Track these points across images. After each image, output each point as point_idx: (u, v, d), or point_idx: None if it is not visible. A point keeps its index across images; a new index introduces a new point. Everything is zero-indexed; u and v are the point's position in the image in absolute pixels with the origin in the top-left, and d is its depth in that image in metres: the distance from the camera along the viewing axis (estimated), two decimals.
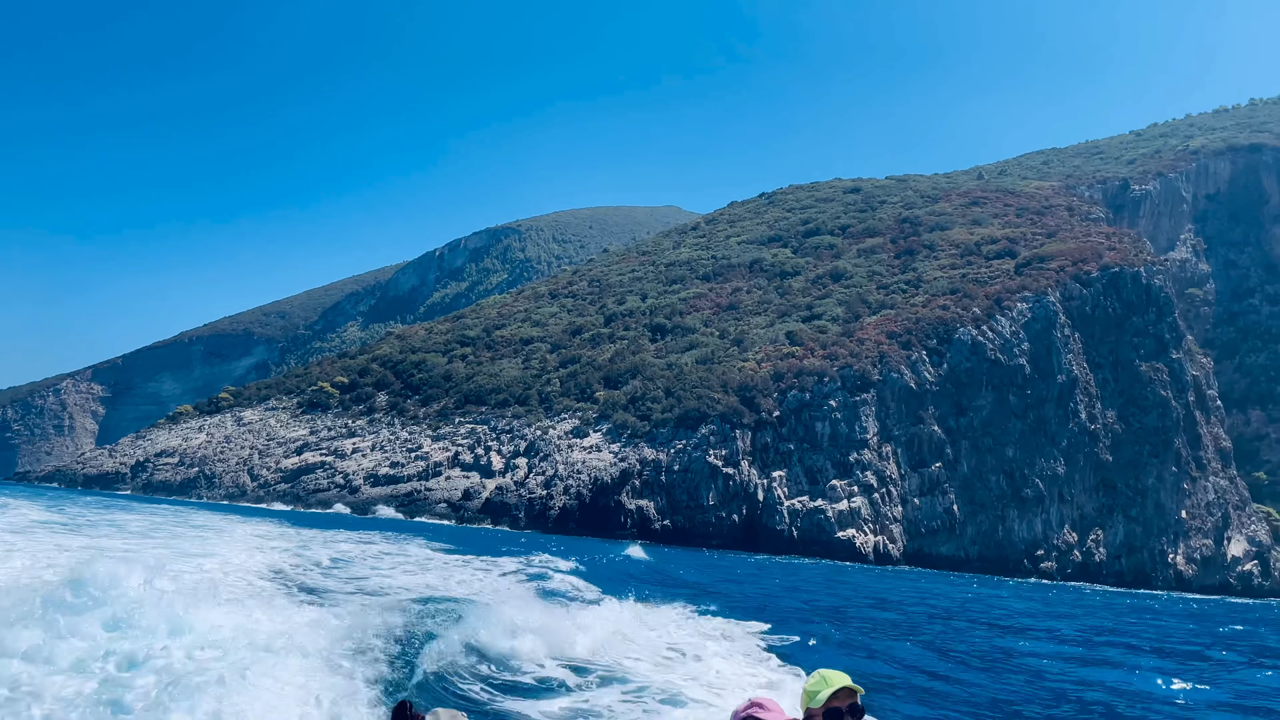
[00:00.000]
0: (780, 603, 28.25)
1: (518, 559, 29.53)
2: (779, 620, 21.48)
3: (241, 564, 20.99)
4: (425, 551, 30.49)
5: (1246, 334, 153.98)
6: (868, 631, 23.75)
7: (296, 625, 12.30)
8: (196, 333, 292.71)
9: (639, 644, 15.42)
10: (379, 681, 11.19)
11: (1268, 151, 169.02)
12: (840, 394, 74.55)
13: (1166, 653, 24.05)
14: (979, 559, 74.28)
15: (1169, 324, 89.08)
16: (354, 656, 11.69)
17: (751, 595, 29.69)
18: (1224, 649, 26.93)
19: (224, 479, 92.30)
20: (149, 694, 8.97)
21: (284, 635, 11.45)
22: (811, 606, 28.54)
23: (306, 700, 9.48)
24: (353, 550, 28.05)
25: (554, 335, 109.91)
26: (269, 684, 9.51)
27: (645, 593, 22.64)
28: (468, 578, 23.38)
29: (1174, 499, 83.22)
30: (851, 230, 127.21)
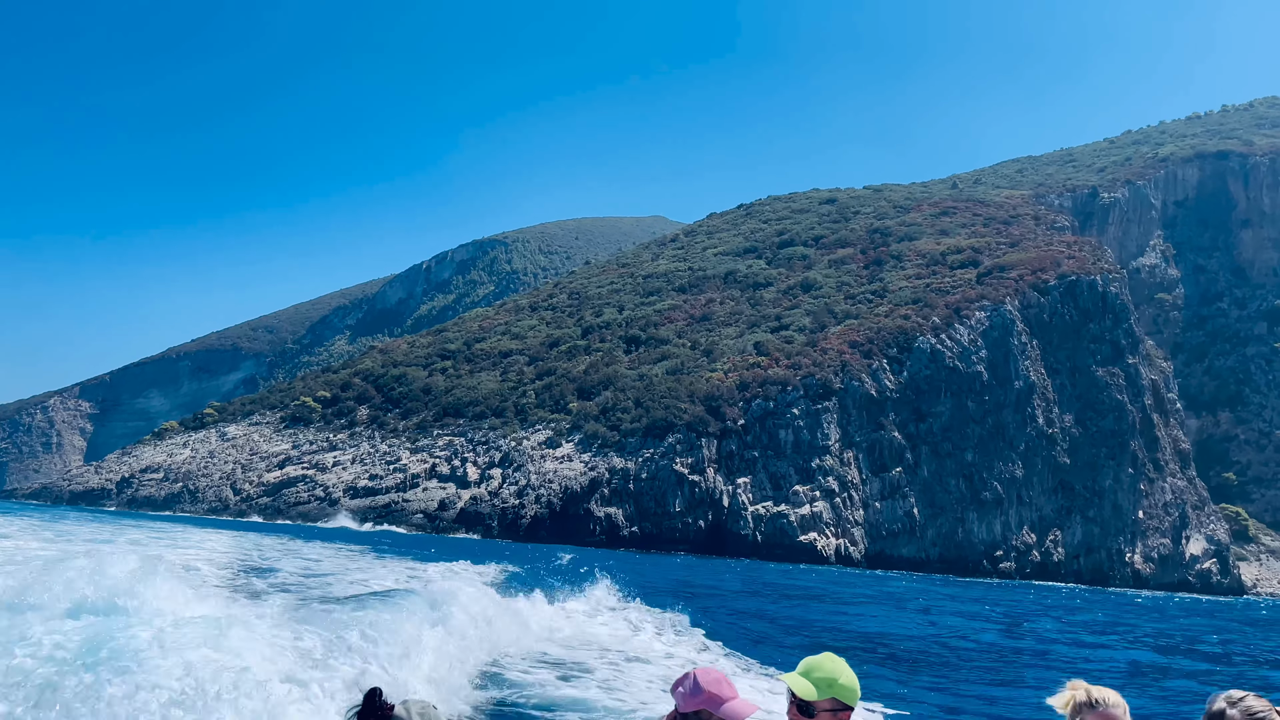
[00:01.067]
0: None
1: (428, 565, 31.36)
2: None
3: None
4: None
5: (1215, 337, 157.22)
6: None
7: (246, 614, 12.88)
8: (184, 348, 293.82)
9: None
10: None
11: (1235, 158, 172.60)
12: (803, 402, 77.04)
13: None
14: (939, 560, 76.70)
15: (1125, 330, 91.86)
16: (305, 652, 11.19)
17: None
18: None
19: (206, 493, 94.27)
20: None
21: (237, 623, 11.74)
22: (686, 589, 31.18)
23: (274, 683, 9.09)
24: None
25: (532, 348, 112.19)
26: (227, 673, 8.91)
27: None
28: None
29: (1131, 500, 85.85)
30: (824, 241, 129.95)
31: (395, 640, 11.56)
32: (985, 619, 32.24)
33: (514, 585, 22.80)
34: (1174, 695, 18.07)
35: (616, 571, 25.32)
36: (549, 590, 22.38)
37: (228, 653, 9.03)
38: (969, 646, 22.97)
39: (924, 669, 18.74)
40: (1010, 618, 32.95)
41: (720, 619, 23.49)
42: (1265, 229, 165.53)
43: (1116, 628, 33.12)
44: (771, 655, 17.76)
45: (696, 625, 20.74)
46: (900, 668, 18.69)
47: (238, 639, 9.54)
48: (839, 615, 29.77)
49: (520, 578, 26.14)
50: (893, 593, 41.30)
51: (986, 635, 26.68)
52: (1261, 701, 3.16)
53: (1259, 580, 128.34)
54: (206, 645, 9.06)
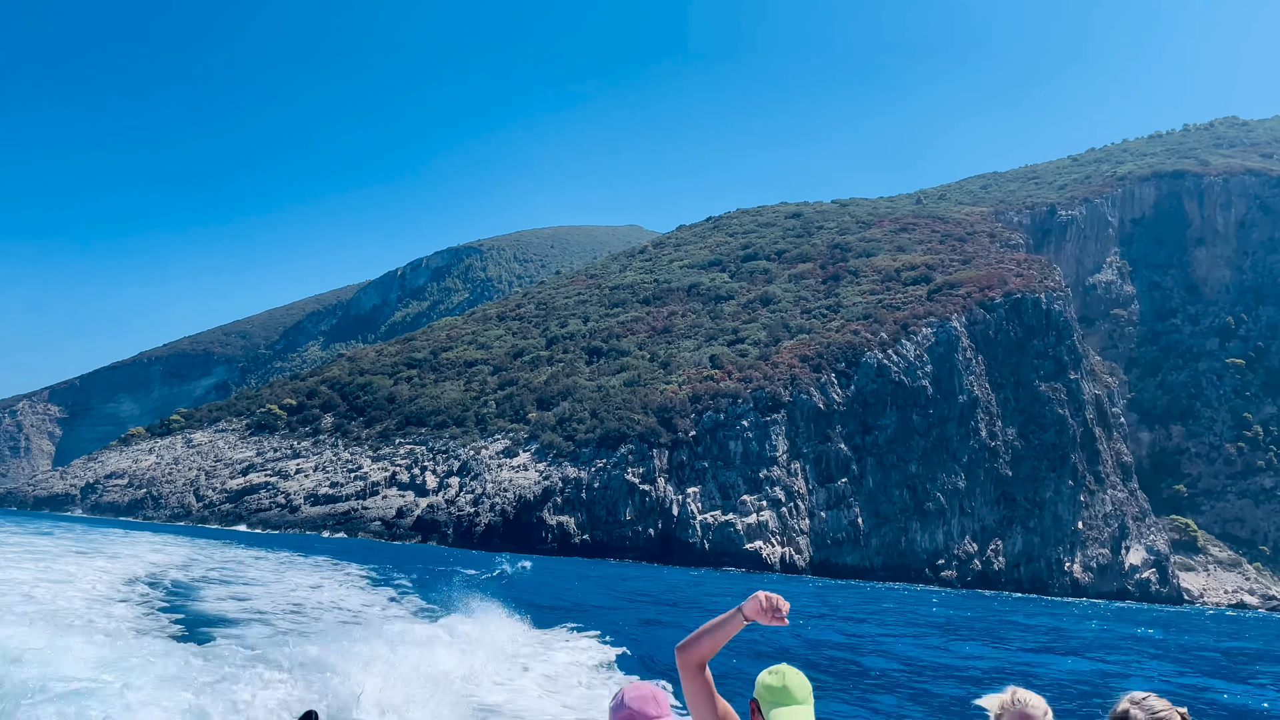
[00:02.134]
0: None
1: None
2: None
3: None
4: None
5: (1169, 352, 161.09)
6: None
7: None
8: (155, 353, 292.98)
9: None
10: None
11: (1190, 178, 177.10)
12: (753, 414, 79.47)
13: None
14: (883, 568, 79.23)
15: (1068, 346, 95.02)
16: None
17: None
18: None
19: (170, 500, 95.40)
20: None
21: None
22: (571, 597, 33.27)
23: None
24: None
25: (497, 357, 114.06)
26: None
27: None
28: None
29: (1071, 511, 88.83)
30: (787, 255, 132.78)
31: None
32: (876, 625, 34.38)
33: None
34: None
35: (524, 585, 27.20)
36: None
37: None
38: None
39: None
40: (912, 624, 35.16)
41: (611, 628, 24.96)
42: (1218, 247, 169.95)
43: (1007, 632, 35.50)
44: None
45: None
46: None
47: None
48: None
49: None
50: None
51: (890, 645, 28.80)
52: (1162, 701, 3.37)
53: (1206, 590, 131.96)
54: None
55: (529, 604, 22.99)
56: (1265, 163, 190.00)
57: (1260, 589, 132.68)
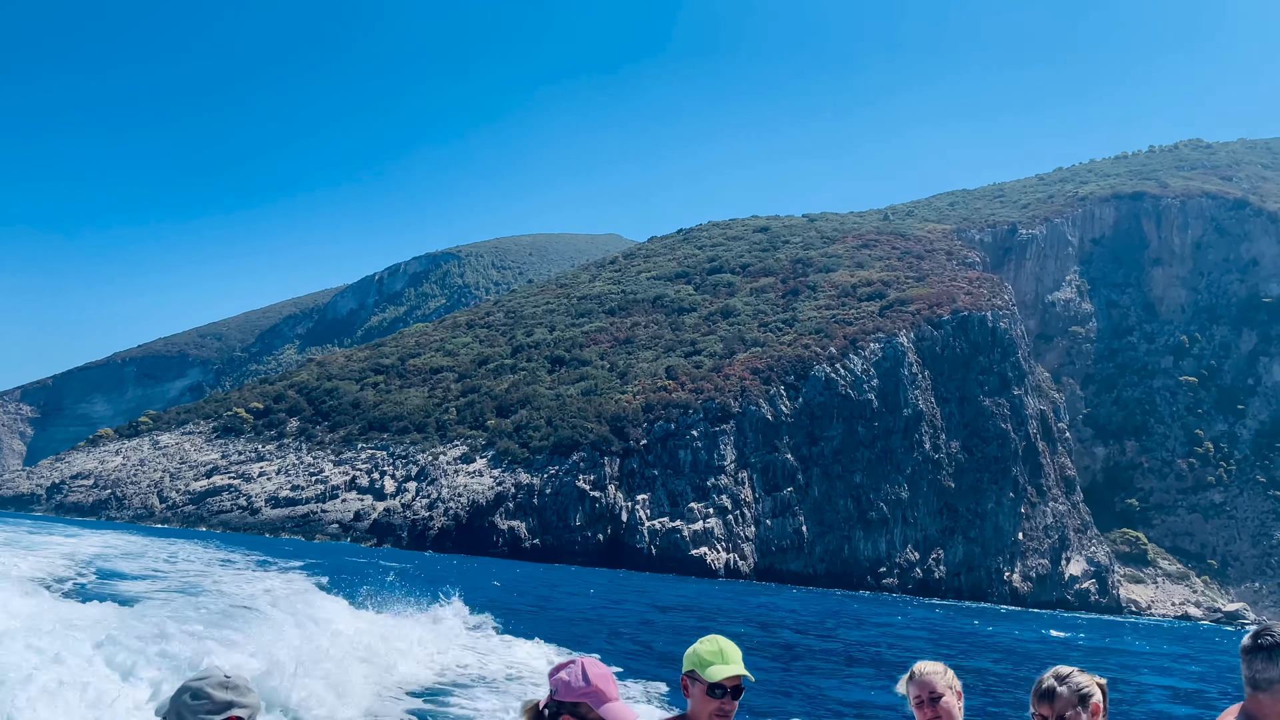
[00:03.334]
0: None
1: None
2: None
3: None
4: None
5: (1124, 369, 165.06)
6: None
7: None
8: (129, 354, 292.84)
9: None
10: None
11: (1148, 199, 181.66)
12: (702, 424, 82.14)
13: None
14: (826, 575, 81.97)
15: (1012, 363, 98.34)
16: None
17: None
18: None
19: (133, 500, 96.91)
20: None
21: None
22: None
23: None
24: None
25: (462, 365, 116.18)
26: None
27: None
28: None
29: (1012, 522, 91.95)
30: (751, 269, 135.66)
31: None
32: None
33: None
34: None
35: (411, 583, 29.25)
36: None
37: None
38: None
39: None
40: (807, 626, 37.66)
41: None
42: (1174, 267, 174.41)
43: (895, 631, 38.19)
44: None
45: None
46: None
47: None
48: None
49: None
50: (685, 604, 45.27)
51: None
52: (1085, 676, 3.50)
53: (1154, 602, 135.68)
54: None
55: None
56: (1224, 185, 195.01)
57: (1206, 601, 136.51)
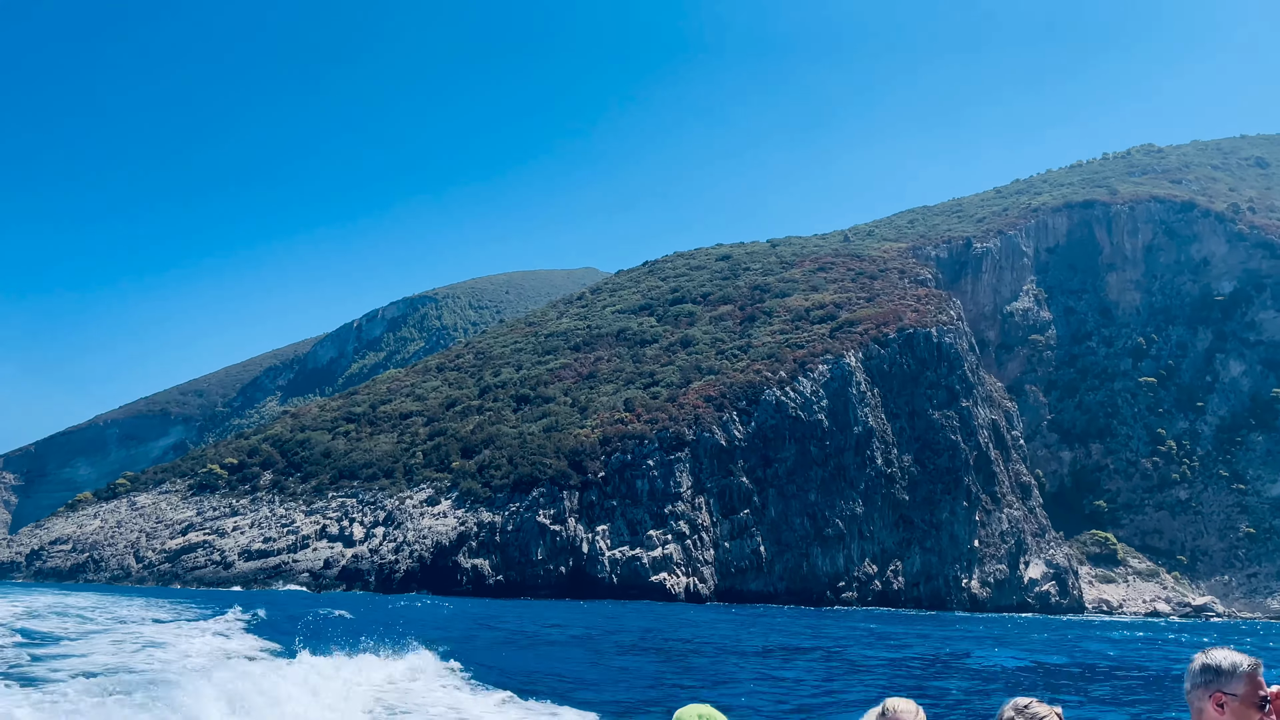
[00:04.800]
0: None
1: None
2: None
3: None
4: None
5: (1085, 374, 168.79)
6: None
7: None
8: (111, 415, 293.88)
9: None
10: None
11: (1099, 207, 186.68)
12: (658, 454, 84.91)
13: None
14: (787, 592, 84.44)
15: (959, 376, 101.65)
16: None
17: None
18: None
19: (110, 562, 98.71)
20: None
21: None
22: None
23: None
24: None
25: (432, 409, 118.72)
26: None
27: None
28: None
29: (967, 530, 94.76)
30: (711, 298, 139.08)
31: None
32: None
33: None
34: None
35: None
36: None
37: None
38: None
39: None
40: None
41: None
42: (1128, 271, 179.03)
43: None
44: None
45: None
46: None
47: None
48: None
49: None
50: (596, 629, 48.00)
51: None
52: (1044, 706, 3.62)
53: (1125, 600, 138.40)
54: None
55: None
56: (1173, 188, 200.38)
57: (1175, 597, 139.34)
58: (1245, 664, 3.65)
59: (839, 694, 22.97)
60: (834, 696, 22.30)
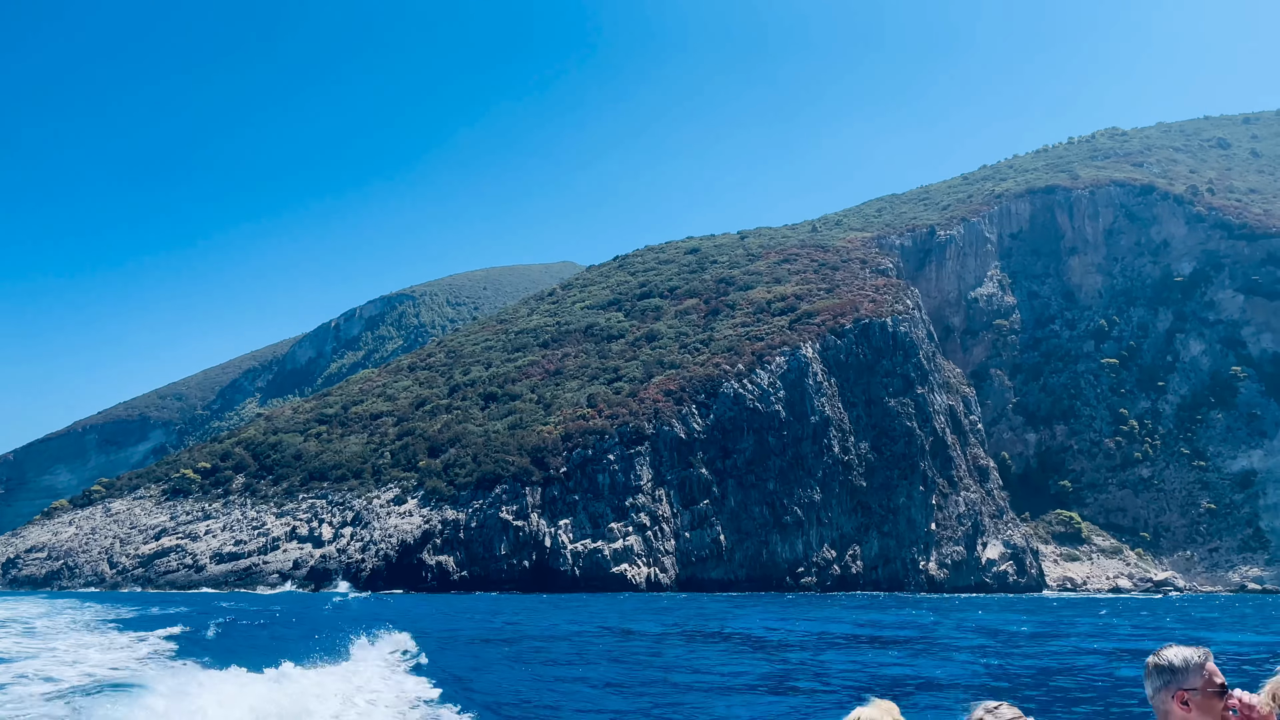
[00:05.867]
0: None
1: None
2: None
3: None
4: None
5: (1049, 357, 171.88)
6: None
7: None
8: (90, 421, 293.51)
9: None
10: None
11: (1060, 192, 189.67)
12: (618, 448, 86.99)
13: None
14: (747, 579, 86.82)
15: (914, 364, 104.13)
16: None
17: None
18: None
19: (84, 569, 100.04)
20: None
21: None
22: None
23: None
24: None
25: (402, 409, 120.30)
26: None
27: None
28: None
29: (924, 514, 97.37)
30: (678, 292, 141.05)
31: None
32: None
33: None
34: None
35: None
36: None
37: None
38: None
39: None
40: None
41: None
42: (1089, 255, 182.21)
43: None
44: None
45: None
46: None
47: None
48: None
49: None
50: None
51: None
52: (1013, 710, 3.72)
53: (1090, 578, 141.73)
54: None
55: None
56: (1134, 172, 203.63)
57: (1138, 573, 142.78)
58: (1196, 657, 3.75)
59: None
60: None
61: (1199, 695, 3.65)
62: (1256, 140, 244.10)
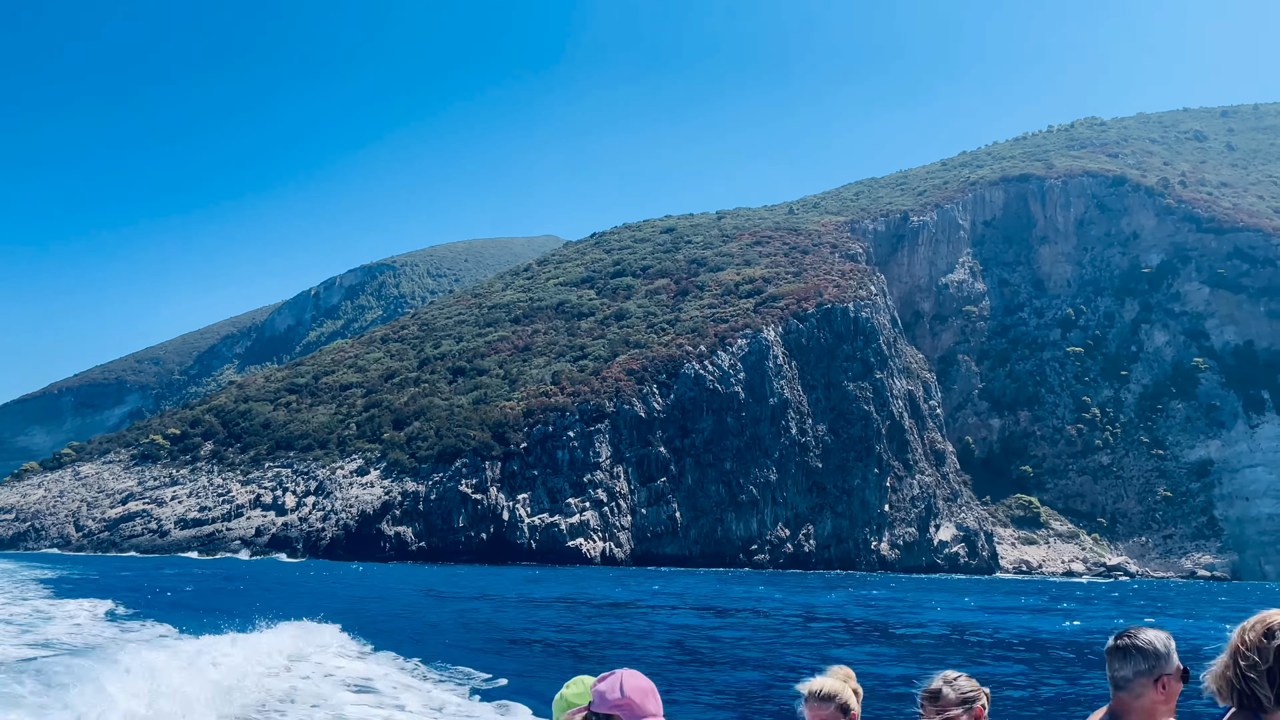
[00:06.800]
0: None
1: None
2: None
3: None
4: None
5: (1016, 344, 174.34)
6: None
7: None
8: (66, 383, 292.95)
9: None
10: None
11: (1034, 181, 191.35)
12: (578, 425, 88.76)
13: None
14: (701, 555, 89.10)
15: (874, 349, 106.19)
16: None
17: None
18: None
19: (51, 531, 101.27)
20: None
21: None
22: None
23: None
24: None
25: (371, 380, 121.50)
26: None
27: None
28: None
29: (878, 495, 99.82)
30: (650, 271, 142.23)
31: None
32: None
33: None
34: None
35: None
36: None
37: None
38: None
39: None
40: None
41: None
42: (1060, 244, 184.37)
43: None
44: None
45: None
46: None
47: None
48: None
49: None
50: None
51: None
52: (971, 682, 3.74)
53: (1045, 561, 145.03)
54: None
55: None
56: (1109, 163, 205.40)
57: (1092, 558, 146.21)
58: (1170, 641, 3.60)
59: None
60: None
61: (1174, 680, 3.50)
62: (1233, 134, 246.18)
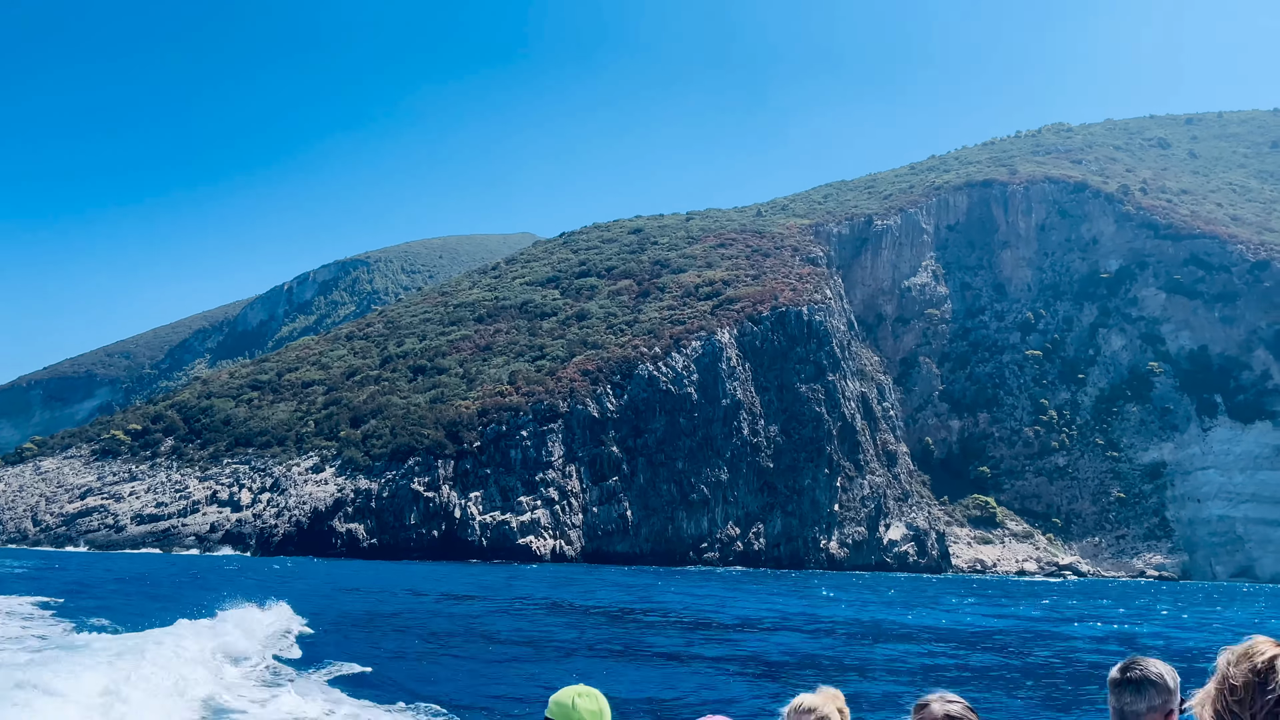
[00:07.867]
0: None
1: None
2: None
3: None
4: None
5: (977, 347, 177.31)
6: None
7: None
8: (35, 376, 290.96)
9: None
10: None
11: (997, 186, 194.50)
12: (531, 425, 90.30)
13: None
14: (652, 553, 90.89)
15: (827, 352, 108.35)
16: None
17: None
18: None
19: (9, 525, 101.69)
20: None
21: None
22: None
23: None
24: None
25: (333, 378, 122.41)
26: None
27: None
28: None
29: (828, 495, 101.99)
30: (615, 272, 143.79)
31: None
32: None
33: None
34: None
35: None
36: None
37: None
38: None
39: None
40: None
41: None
42: (1020, 249, 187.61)
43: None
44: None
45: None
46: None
47: None
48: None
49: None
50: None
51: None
52: (960, 702, 3.66)
53: (1000, 560, 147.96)
54: None
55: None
56: (1072, 169, 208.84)
57: (1045, 557, 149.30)
58: (1175, 673, 3.51)
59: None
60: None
61: (1178, 714, 3.43)
62: (1196, 141, 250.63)
